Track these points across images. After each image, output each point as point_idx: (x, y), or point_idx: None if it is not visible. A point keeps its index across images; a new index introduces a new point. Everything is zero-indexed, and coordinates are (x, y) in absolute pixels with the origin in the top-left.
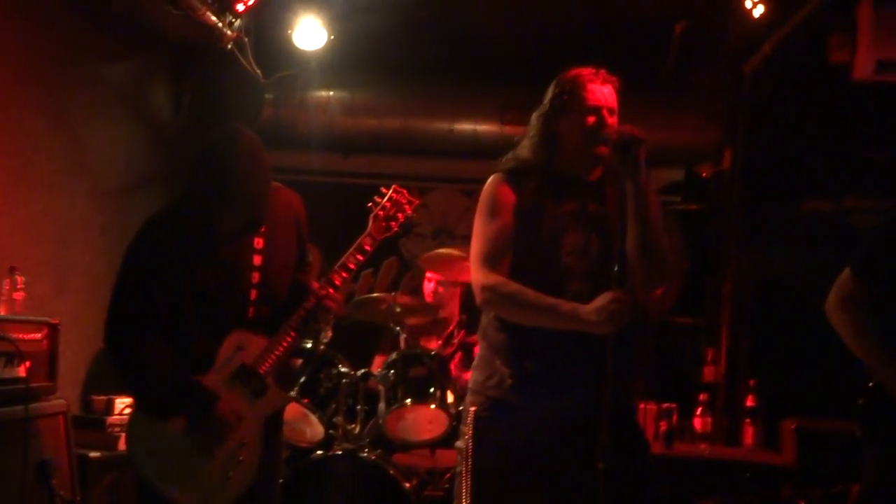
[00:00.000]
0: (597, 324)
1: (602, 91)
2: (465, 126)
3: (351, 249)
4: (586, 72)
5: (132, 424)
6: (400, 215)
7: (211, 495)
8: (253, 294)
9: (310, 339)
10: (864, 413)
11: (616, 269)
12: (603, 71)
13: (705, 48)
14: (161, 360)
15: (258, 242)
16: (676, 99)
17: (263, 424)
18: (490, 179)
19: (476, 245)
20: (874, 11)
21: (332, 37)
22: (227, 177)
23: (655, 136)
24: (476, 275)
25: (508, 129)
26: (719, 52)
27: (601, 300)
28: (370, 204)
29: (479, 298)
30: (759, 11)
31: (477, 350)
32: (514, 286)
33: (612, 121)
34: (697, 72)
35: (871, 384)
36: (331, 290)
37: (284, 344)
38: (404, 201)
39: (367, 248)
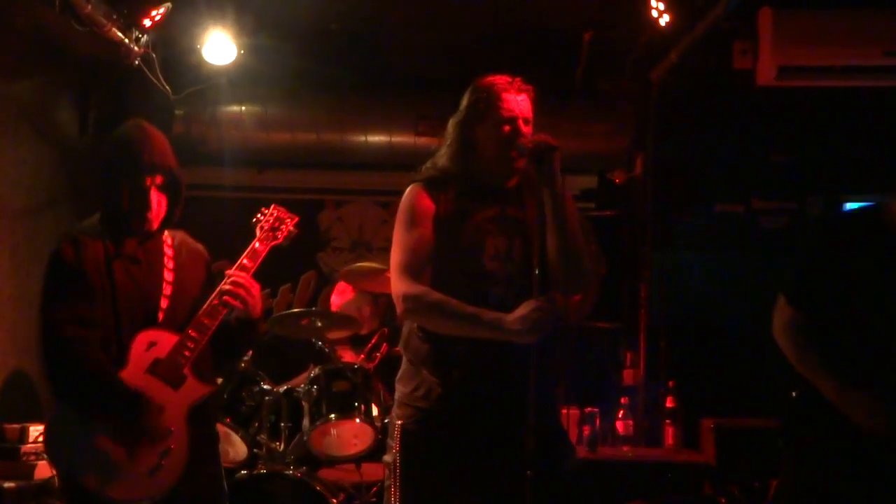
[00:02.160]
0: (520, 333)
1: (517, 100)
2: (380, 137)
3: (245, 253)
4: (501, 80)
5: (53, 423)
6: (284, 227)
7: (142, 485)
8: (164, 302)
9: (236, 344)
10: (789, 418)
11: (537, 274)
12: (518, 79)
13: (614, 56)
14: (97, 351)
15: (169, 261)
16: (587, 106)
17: (187, 416)
18: (408, 189)
19: (396, 255)
20: (774, 19)
21: (242, 51)
22: (137, 141)
23: (567, 143)
24: (397, 285)
25: (423, 140)
26: (628, 59)
27: (524, 309)
28: (254, 220)
29: (400, 308)
30: (664, 20)
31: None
32: (437, 296)
33: (527, 130)
34: (607, 80)
35: (793, 394)
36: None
37: (197, 336)
38: (286, 217)
39: (259, 252)
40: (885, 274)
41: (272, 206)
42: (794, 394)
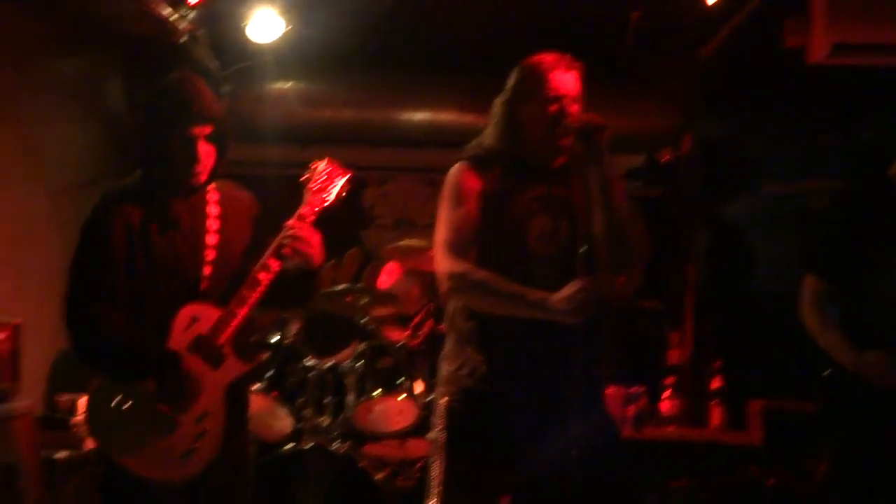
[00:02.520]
0: (566, 313)
1: (565, 79)
2: (424, 115)
3: (292, 217)
4: (549, 58)
5: (93, 397)
6: (334, 187)
7: (176, 466)
8: (207, 269)
9: (295, 293)
10: (824, 397)
11: (583, 253)
12: (568, 57)
13: (662, 35)
14: (125, 327)
15: (212, 224)
16: (634, 86)
17: (226, 396)
18: (454, 167)
19: (441, 233)
20: None
21: (289, 28)
22: (182, 90)
23: (614, 122)
24: (442, 263)
25: (468, 118)
26: (675, 38)
27: (569, 289)
28: (303, 178)
29: (445, 286)
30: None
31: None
32: (482, 274)
33: (574, 109)
34: (655, 59)
35: (826, 372)
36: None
37: (239, 310)
38: (337, 173)
39: (307, 216)
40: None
41: (325, 161)
42: (827, 372)
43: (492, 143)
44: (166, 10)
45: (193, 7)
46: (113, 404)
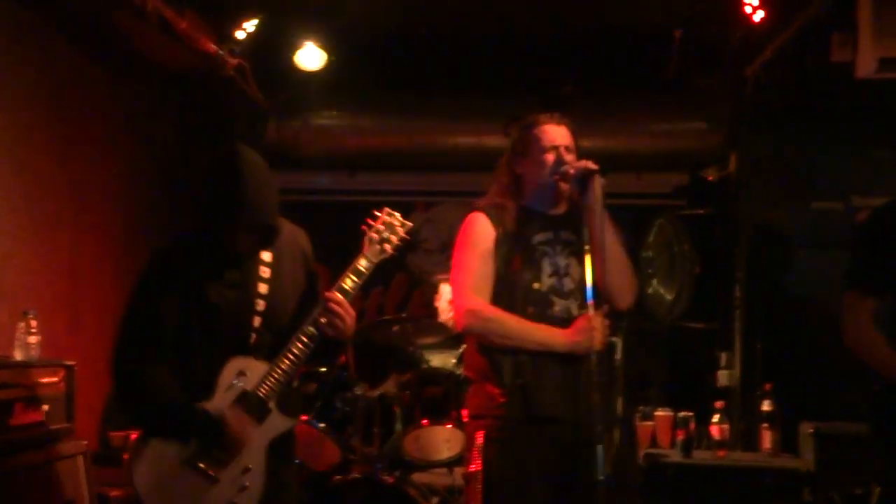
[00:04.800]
0: (577, 345)
1: (557, 131)
2: (469, 139)
3: (347, 271)
4: (542, 116)
5: (136, 452)
6: (393, 237)
7: None
8: (256, 321)
9: (323, 356)
10: (875, 413)
11: (590, 291)
12: (557, 113)
13: (707, 53)
14: (167, 384)
15: (264, 271)
16: (680, 104)
17: (267, 450)
18: (469, 216)
19: (458, 275)
20: (875, 9)
21: (333, 57)
22: (233, 190)
23: (660, 141)
24: (459, 301)
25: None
26: (721, 56)
27: (579, 322)
28: (363, 227)
29: (462, 323)
30: (759, 16)
31: None
32: (497, 311)
33: (569, 157)
34: (700, 76)
35: (875, 388)
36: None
37: (286, 367)
38: (397, 224)
39: (363, 269)
40: None
41: (384, 210)
42: (876, 388)
43: (500, 197)
44: (213, 46)
45: (240, 41)
46: (157, 453)
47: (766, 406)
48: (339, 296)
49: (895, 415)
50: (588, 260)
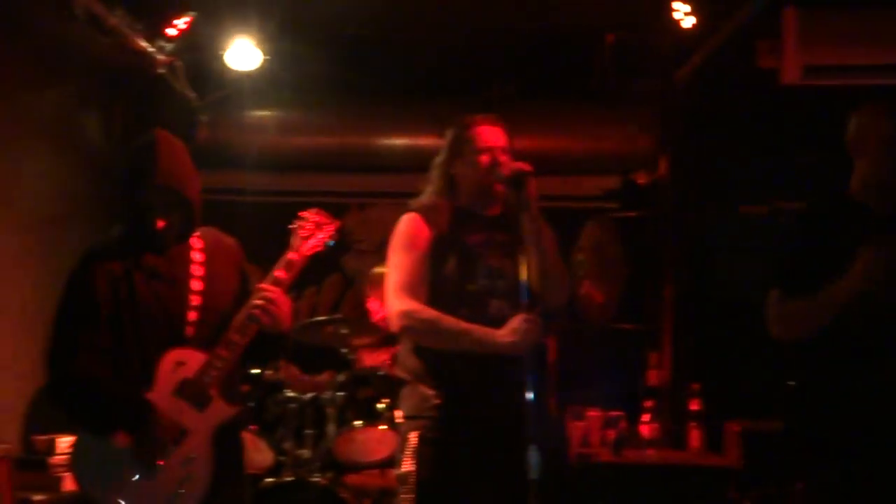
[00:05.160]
0: (511, 345)
1: (491, 132)
2: (403, 140)
3: (277, 264)
4: (477, 116)
5: (77, 447)
6: (322, 235)
7: None
8: (192, 315)
9: (262, 352)
10: (788, 410)
11: (523, 292)
12: (491, 115)
13: (638, 58)
14: (106, 378)
15: (197, 269)
16: (611, 108)
17: (211, 439)
18: (404, 217)
19: (392, 276)
20: (799, 18)
21: (267, 57)
22: (146, 159)
23: (591, 144)
24: (393, 303)
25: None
26: (651, 61)
27: (514, 322)
28: (292, 225)
29: (396, 325)
30: (688, 23)
31: None
32: (431, 312)
33: (504, 159)
34: (631, 81)
35: (791, 383)
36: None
37: (226, 355)
38: (325, 222)
39: (294, 263)
40: (857, 252)
41: (312, 210)
42: (789, 385)
43: (435, 199)
44: (144, 43)
45: (171, 39)
46: (98, 449)
47: (694, 405)
48: (273, 285)
49: (807, 410)
50: (522, 261)
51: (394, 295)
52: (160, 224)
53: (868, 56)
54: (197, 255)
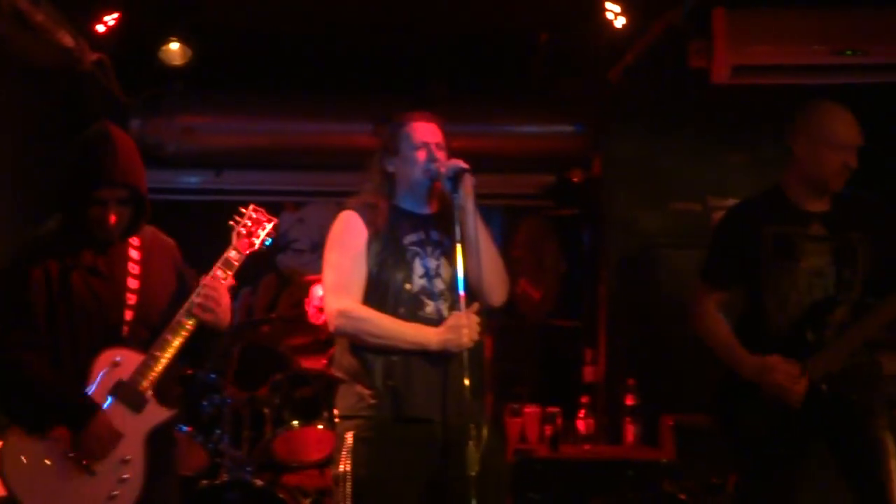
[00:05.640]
0: (448, 342)
1: (427, 128)
2: (339, 139)
3: (216, 263)
4: (413, 113)
5: (6, 448)
6: (260, 232)
7: None
8: (128, 314)
9: (202, 350)
10: (717, 406)
11: (461, 289)
12: (428, 111)
13: (572, 57)
14: (44, 374)
15: (133, 267)
16: (545, 107)
17: (146, 442)
18: (340, 214)
19: (329, 275)
20: (728, 19)
21: (199, 54)
22: (103, 152)
23: (527, 143)
24: (330, 302)
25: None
26: (585, 60)
27: (451, 320)
28: (231, 222)
29: (333, 325)
30: (620, 22)
31: None
32: (369, 311)
33: (441, 155)
34: (565, 80)
35: (720, 378)
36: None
37: (161, 355)
38: (263, 220)
39: (233, 261)
40: (786, 248)
41: (250, 207)
42: (719, 380)
43: (371, 197)
44: (72, 40)
45: (100, 36)
46: (29, 452)
47: (629, 400)
48: (213, 281)
49: (734, 405)
50: (460, 258)
51: (331, 294)
52: (112, 220)
53: (796, 56)
54: (134, 254)
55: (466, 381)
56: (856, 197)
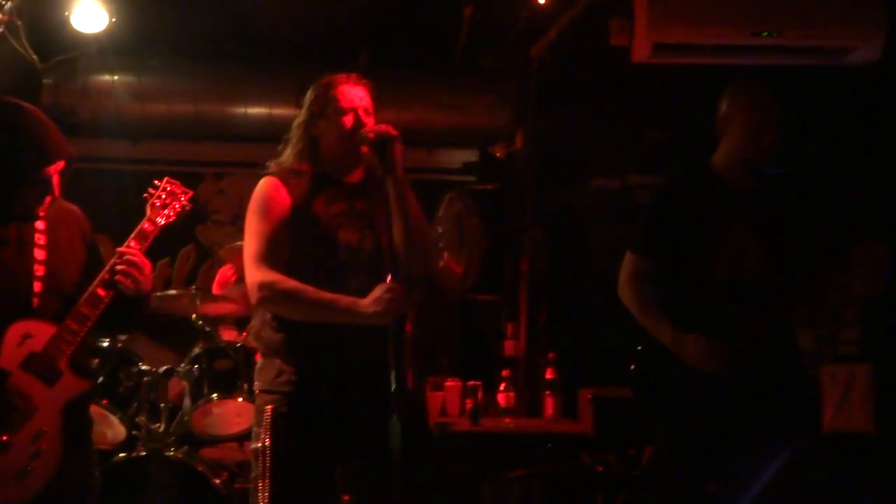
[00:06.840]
0: (375, 315)
1: (354, 92)
2: (260, 109)
3: (132, 234)
4: (339, 76)
5: None
6: (176, 204)
7: (10, 487)
8: (37, 286)
9: (123, 318)
10: (635, 377)
11: (387, 259)
12: (355, 74)
13: (496, 31)
14: None
15: (39, 238)
16: (468, 81)
17: (62, 414)
18: (262, 181)
19: (251, 244)
20: None
21: (115, 19)
22: (23, 132)
23: (449, 117)
24: (252, 273)
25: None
26: (508, 35)
27: (377, 292)
28: (146, 195)
29: (255, 297)
30: None
31: None
32: (292, 283)
33: (368, 121)
34: (488, 54)
35: (639, 348)
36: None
37: (76, 327)
38: (179, 191)
39: (148, 232)
40: (714, 225)
41: (165, 180)
42: (637, 351)
43: (292, 164)
44: None
45: None
46: None
47: (549, 374)
48: (132, 249)
49: (653, 375)
50: (386, 227)
51: (252, 265)
52: (57, 189)
53: (716, 36)
54: (39, 224)
55: (389, 355)
56: (779, 176)
